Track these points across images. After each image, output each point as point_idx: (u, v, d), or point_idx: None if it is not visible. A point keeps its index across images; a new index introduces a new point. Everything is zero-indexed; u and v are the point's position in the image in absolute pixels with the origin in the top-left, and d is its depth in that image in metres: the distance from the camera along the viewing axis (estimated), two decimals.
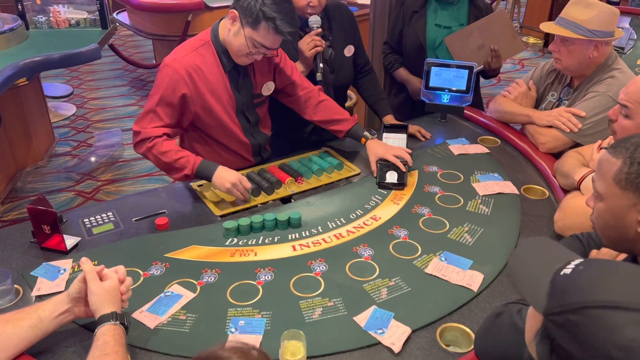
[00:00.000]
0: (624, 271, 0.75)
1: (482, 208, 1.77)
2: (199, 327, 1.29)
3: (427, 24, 2.55)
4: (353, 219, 1.72)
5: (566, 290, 0.74)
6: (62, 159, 3.96)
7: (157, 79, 1.79)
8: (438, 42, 2.54)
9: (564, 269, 0.77)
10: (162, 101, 1.77)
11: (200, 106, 1.81)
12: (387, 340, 1.23)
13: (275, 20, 1.65)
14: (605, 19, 1.93)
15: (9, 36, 3.27)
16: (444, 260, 1.51)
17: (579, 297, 0.71)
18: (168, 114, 1.79)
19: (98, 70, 5.95)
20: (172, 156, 1.77)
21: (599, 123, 1.94)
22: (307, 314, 1.32)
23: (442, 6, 2.54)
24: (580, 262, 0.78)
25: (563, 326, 0.71)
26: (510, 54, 2.55)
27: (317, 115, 2.05)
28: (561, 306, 0.72)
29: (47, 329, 1.16)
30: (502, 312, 1.10)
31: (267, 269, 1.49)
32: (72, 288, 1.20)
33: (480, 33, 2.44)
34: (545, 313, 0.75)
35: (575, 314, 0.70)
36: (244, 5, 1.68)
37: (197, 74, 1.77)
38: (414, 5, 2.56)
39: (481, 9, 2.54)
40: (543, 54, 6.39)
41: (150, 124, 1.79)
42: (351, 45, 2.28)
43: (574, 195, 1.63)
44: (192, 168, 1.77)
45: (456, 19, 2.54)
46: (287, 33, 1.69)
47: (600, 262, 0.79)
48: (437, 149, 2.19)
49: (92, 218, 1.72)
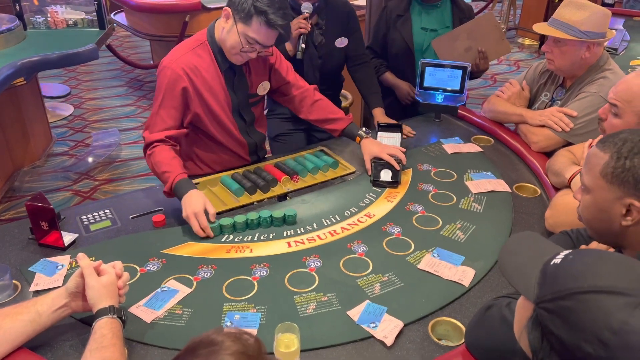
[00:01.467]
0: (613, 258, 0.78)
1: (474, 206, 1.80)
2: (195, 322, 1.31)
3: (413, 28, 2.56)
4: (347, 216, 1.75)
5: (557, 277, 0.76)
6: (59, 159, 3.97)
7: (158, 81, 1.81)
8: (425, 45, 2.56)
9: (553, 259, 0.80)
10: (164, 102, 1.79)
11: (198, 104, 1.83)
12: (380, 334, 1.26)
13: (267, 14, 1.66)
14: (597, 20, 1.96)
15: (6, 36, 3.28)
16: (436, 256, 1.53)
17: (570, 284, 0.73)
18: (171, 115, 1.80)
19: (95, 71, 5.96)
20: (160, 168, 1.75)
21: (590, 123, 1.96)
22: (302, 309, 1.34)
23: (425, 9, 2.56)
24: (570, 252, 0.80)
25: (554, 312, 0.74)
26: (498, 55, 2.58)
27: (312, 114, 2.07)
28: (552, 293, 0.74)
29: (46, 323, 1.18)
30: (492, 305, 1.12)
31: (263, 265, 1.51)
32: (70, 282, 1.22)
33: (467, 35, 2.46)
34: (537, 301, 0.77)
35: (566, 299, 0.72)
36: (236, 2, 1.69)
37: (195, 73, 1.79)
38: (397, 9, 2.57)
39: (463, 9, 2.57)
40: (538, 55, 6.43)
41: (155, 128, 1.80)
42: (344, 38, 2.36)
43: (565, 193, 1.65)
44: (171, 186, 1.71)
45: (441, 22, 2.56)
46: (279, 26, 1.70)
47: (590, 251, 0.81)
48: (431, 148, 2.22)
49: (89, 215, 1.74)
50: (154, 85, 1.88)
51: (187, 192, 1.67)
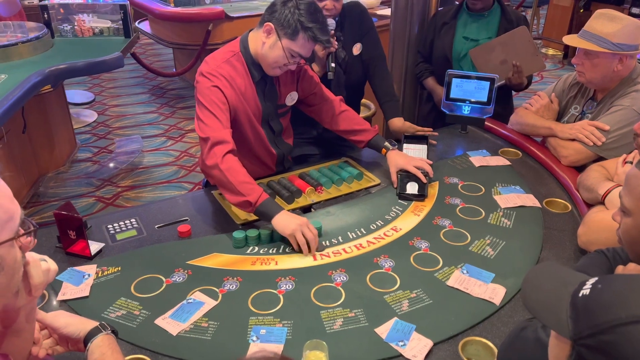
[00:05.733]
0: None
1: (503, 221, 1.76)
2: (221, 335, 1.29)
3: (455, 36, 2.57)
4: (373, 229, 1.72)
5: (591, 311, 0.72)
6: (83, 165, 4.02)
7: (199, 88, 1.77)
8: (463, 54, 2.55)
9: (581, 290, 0.76)
10: (213, 104, 1.73)
11: (236, 113, 1.83)
12: (409, 352, 1.23)
13: (313, 29, 1.70)
14: (630, 32, 1.92)
15: (35, 44, 3.34)
16: (465, 273, 1.50)
17: (608, 316, 0.70)
18: (224, 116, 1.74)
19: (119, 78, 6.04)
20: (237, 177, 1.64)
21: (623, 137, 1.92)
22: (328, 325, 1.32)
23: (472, 18, 2.56)
24: (597, 281, 0.76)
25: (597, 349, 0.70)
26: (532, 71, 2.54)
27: (338, 125, 2.06)
28: (590, 328, 0.71)
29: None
30: (527, 326, 1.08)
31: (288, 278, 1.50)
32: (46, 343, 1.09)
33: (502, 48, 2.44)
34: (575, 338, 0.73)
35: (607, 333, 0.69)
36: (280, 18, 1.71)
37: (231, 83, 1.79)
38: (445, 16, 2.61)
39: (512, 20, 2.53)
40: (562, 66, 6.35)
41: (215, 126, 1.71)
42: (359, 43, 2.33)
43: (598, 210, 1.61)
44: (257, 199, 1.62)
45: (485, 31, 2.55)
46: (325, 41, 1.75)
47: (618, 277, 0.78)
48: (457, 160, 2.18)
49: (115, 224, 1.75)
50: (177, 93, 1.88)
51: (282, 211, 1.62)
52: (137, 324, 1.33)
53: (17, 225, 0.83)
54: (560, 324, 0.76)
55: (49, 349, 1.07)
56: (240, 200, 1.64)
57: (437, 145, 2.31)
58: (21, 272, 0.85)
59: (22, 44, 3.24)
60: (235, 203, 1.67)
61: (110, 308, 1.38)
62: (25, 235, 0.86)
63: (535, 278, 0.88)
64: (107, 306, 1.38)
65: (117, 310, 1.37)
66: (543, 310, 0.80)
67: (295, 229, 1.57)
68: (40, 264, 0.90)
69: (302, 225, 1.58)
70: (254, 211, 1.65)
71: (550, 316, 0.78)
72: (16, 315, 0.91)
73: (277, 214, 1.62)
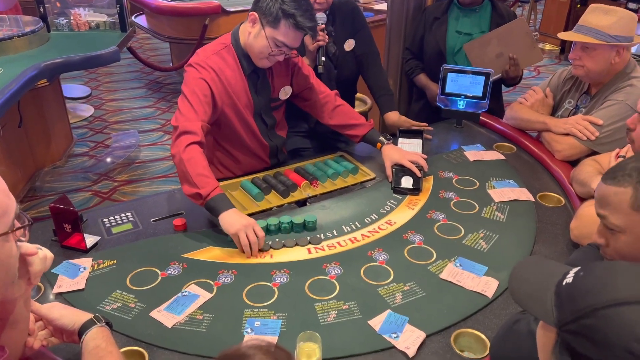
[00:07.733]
0: (625, 268, 0.76)
1: (497, 215, 1.77)
2: (216, 327, 1.31)
3: (447, 31, 2.57)
4: (368, 223, 1.73)
5: (573, 297, 0.75)
6: (79, 159, 4.02)
7: (186, 78, 1.79)
8: (457, 48, 2.55)
9: (564, 279, 0.79)
10: (194, 96, 1.74)
11: (223, 105, 1.83)
12: (402, 344, 1.24)
13: (295, 16, 1.69)
14: (625, 24, 1.93)
15: (30, 38, 3.33)
16: (459, 266, 1.51)
17: (588, 301, 0.72)
18: (203, 109, 1.74)
19: (115, 72, 6.03)
20: (197, 169, 1.62)
21: (616, 131, 1.93)
22: (322, 317, 1.33)
23: (463, 13, 2.55)
24: (579, 269, 0.79)
25: (579, 333, 0.72)
26: (529, 63, 2.54)
27: (333, 119, 2.07)
28: (572, 313, 0.73)
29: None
30: (519, 319, 1.10)
31: (283, 271, 1.51)
32: (41, 335, 1.11)
33: (499, 41, 2.44)
34: (559, 325, 0.75)
35: (588, 317, 0.71)
36: (263, 6, 1.71)
37: (220, 75, 1.80)
38: (436, 11, 2.60)
39: (503, 15, 2.54)
40: (559, 61, 6.35)
41: (189, 116, 1.72)
42: (351, 40, 2.33)
43: (591, 204, 1.60)
44: (208, 194, 1.60)
45: (477, 26, 2.55)
46: (308, 28, 1.72)
47: (599, 264, 0.80)
48: (452, 154, 2.19)
49: (111, 218, 1.75)
50: (173, 88, 1.89)
51: (231, 209, 1.59)
52: (133, 316, 1.34)
53: (12, 219, 0.84)
54: (545, 313, 0.77)
55: (43, 340, 1.08)
56: (193, 192, 1.62)
57: (432, 140, 2.32)
58: (17, 265, 0.86)
59: (17, 37, 3.24)
60: (188, 194, 1.64)
61: (106, 301, 1.39)
62: (21, 229, 0.87)
63: (521, 272, 0.90)
64: (103, 299, 1.39)
65: (112, 303, 1.38)
66: (530, 302, 0.82)
67: (239, 229, 1.54)
68: (39, 253, 0.92)
69: (247, 226, 1.55)
70: (203, 205, 1.62)
71: (538, 306, 0.80)
72: (13, 306, 0.92)
73: (225, 211, 1.58)
